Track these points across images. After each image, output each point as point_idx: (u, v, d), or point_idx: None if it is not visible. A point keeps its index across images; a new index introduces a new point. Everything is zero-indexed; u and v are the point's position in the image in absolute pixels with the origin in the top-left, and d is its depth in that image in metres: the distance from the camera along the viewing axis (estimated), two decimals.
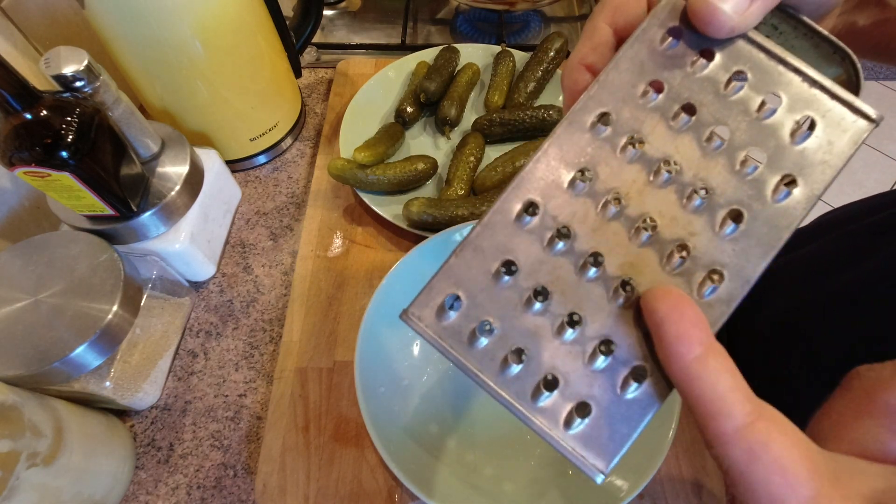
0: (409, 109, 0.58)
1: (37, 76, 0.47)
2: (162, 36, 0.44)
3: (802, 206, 0.19)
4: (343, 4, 0.77)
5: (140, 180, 0.43)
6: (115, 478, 0.40)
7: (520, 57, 0.62)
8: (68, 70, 0.37)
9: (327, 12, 0.76)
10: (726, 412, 0.15)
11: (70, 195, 0.39)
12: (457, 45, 0.63)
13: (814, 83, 0.19)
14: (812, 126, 0.19)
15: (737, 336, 0.49)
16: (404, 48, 0.70)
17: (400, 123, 0.58)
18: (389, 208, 0.52)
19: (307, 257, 0.52)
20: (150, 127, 0.44)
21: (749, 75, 0.19)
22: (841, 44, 0.20)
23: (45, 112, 0.35)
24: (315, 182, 0.56)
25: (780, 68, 0.19)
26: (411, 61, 0.63)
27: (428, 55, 0.63)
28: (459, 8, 0.77)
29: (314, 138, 0.62)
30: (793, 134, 0.19)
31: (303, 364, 0.46)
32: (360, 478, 0.41)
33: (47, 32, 0.51)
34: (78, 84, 0.37)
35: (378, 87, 0.61)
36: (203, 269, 0.50)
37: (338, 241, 0.53)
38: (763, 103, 0.19)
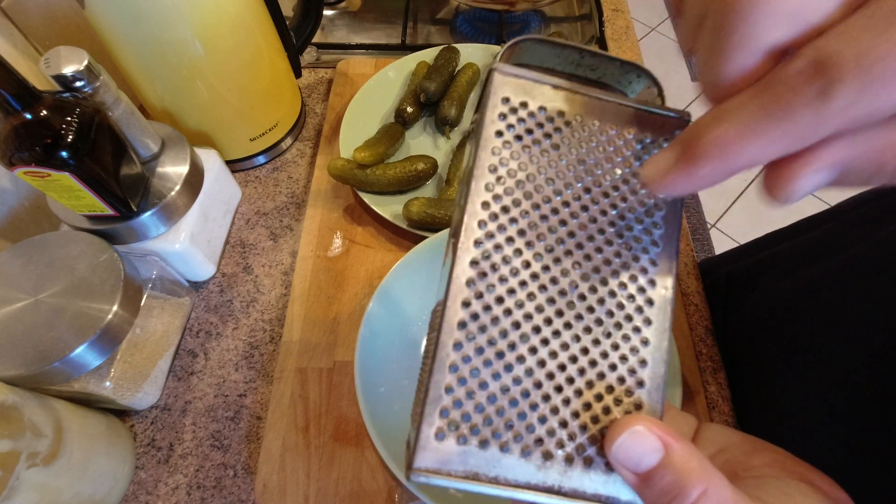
0: (409, 109, 0.58)
1: (37, 76, 0.47)
2: (162, 36, 0.44)
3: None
4: (343, 4, 0.77)
5: (140, 180, 0.43)
6: (115, 478, 0.40)
7: None
8: (68, 70, 0.37)
9: (327, 12, 0.76)
10: None
11: (70, 195, 0.39)
12: (457, 45, 0.63)
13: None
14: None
15: (728, 320, 0.49)
16: (404, 48, 0.70)
17: (400, 123, 0.58)
18: (389, 208, 0.52)
19: (307, 257, 0.52)
20: (150, 127, 0.44)
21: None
22: (636, 63, 0.23)
23: (45, 112, 0.35)
24: (315, 182, 0.56)
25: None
26: (411, 61, 0.63)
27: (428, 55, 0.63)
28: (459, 8, 0.77)
29: (314, 138, 0.62)
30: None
31: (303, 364, 0.46)
32: (360, 478, 0.41)
33: (47, 32, 0.51)
34: (78, 84, 0.37)
35: (378, 87, 0.61)
36: (203, 269, 0.50)
37: (338, 241, 0.53)
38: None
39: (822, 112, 0.13)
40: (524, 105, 0.21)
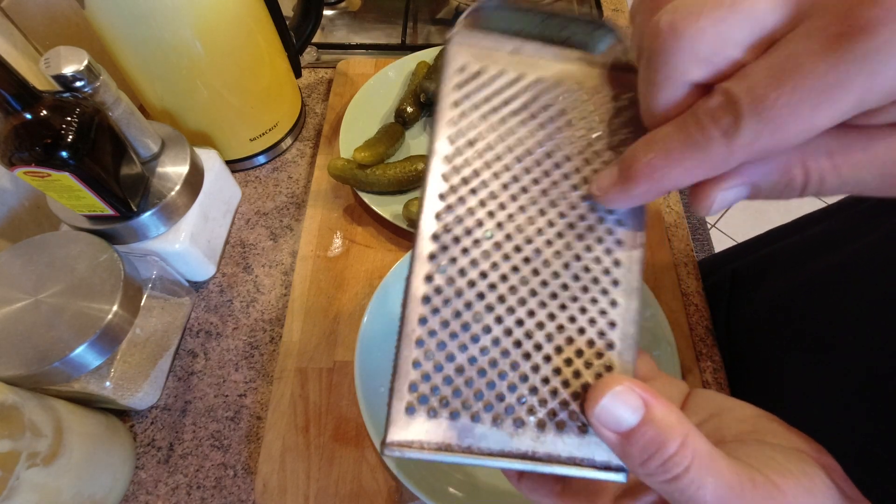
0: (409, 109, 0.58)
1: (37, 76, 0.47)
2: (162, 36, 0.44)
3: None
4: (343, 4, 0.77)
5: (140, 180, 0.43)
6: (115, 478, 0.40)
7: None
8: (68, 70, 0.37)
9: (327, 12, 0.76)
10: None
11: (70, 195, 0.39)
12: None
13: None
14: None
15: (735, 314, 0.49)
16: (404, 48, 0.70)
17: (400, 123, 0.58)
18: (389, 208, 0.52)
19: (307, 257, 0.52)
20: (150, 127, 0.44)
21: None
22: (600, 20, 0.22)
23: (45, 112, 0.35)
24: (315, 182, 0.56)
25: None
26: (411, 61, 0.63)
27: (428, 55, 0.63)
28: (459, 8, 0.77)
29: (314, 138, 0.62)
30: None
31: (303, 364, 0.46)
32: (360, 478, 0.41)
33: (47, 32, 0.51)
34: (78, 84, 0.37)
35: (378, 87, 0.61)
36: (203, 269, 0.50)
37: (338, 241, 0.53)
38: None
39: (731, 146, 0.15)
40: (481, 72, 0.21)
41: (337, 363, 0.46)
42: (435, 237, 0.20)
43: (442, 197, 0.20)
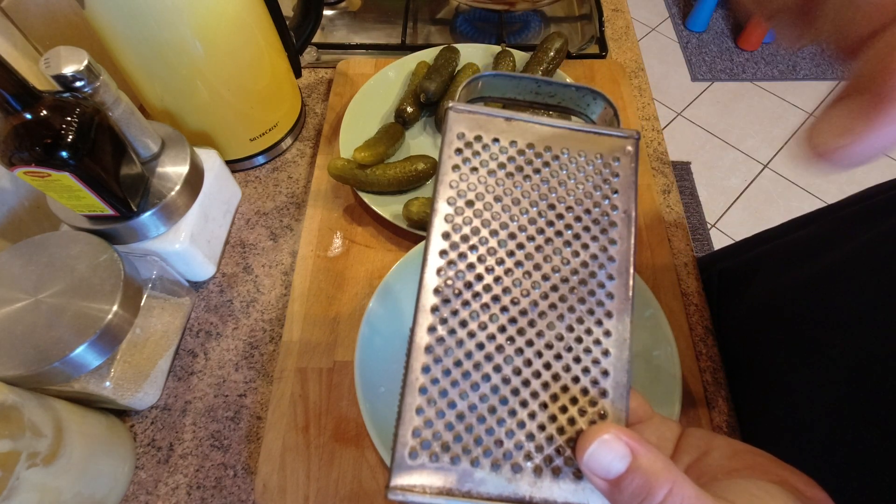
0: (409, 109, 0.58)
1: (37, 76, 0.47)
2: (162, 36, 0.44)
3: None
4: (343, 4, 0.77)
5: (140, 180, 0.43)
6: (115, 478, 0.40)
7: (520, 57, 0.62)
8: (68, 70, 0.37)
9: (327, 12, 0.76)
10: None
11: (70, 195, 0.39)
12: (457, 45, 0.63)
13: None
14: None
15: (722, 318, 0.49)
16: (404, 48, 0.70)
17: (400, 123, 0.58)
18: (389, 208, 0.52)
19: (307, 257, 0.52)
20: (150, 127, 0.44)
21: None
22: (589, 87, 0.24)
23: (45, 112, 0.35)
24: (315, 182, 0.56)
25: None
26: (411, 61, 0.63)
27: (428, 55, 0.63)
28: (459, 8, 0.77)
29: (314, 138, 0.62)
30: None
31: (303, 364, 0.46)
32: (360, 478, 0.41)
33: (47, 32, 0.51)
34: (78, 84, 0.37)
35: (378, 87, 0.61)
36: (203, 269, 0.50)
37: (338, 241, 0.53)
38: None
39: None
40: (479, 139, 0.22)
41: (337, 363, 0.46)
42: (437, 291, 0.21)
43: (443, 253, 0.21)
